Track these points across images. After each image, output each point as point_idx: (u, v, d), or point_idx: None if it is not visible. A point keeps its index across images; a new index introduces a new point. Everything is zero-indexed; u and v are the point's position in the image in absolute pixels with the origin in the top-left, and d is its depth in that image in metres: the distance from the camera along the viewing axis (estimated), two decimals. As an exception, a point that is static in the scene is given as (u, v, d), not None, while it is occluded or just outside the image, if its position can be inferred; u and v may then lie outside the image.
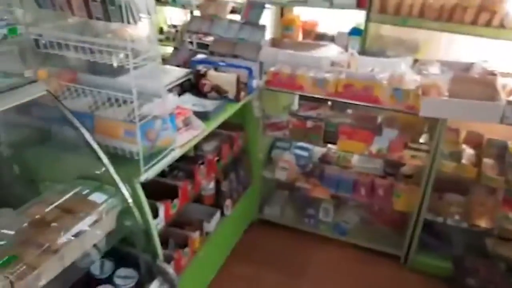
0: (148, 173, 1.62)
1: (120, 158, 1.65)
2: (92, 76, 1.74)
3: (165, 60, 3.18)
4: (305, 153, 3.07)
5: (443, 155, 2.48)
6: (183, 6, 3.84)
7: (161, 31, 4.41)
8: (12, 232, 1.37)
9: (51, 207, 1.46)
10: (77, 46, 1.46)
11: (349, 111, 2.90)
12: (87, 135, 1.48)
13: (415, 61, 2.81)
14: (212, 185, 2.53)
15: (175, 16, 4.42)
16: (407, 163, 2.69)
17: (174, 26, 4.31)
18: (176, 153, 1.80)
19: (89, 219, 1.44)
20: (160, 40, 4.29)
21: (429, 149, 2.48)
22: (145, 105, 1.68)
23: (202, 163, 2.29)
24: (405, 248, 2.73)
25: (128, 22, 1.34)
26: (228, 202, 2.61)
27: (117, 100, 1.58)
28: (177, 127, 1.91)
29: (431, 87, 2.37)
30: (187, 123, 2.02)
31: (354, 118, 2.77)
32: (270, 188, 3.20)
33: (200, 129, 2.05)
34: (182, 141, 1.88)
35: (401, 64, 2.62)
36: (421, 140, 2.67)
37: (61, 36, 1.52)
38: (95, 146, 1.48)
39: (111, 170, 1.49)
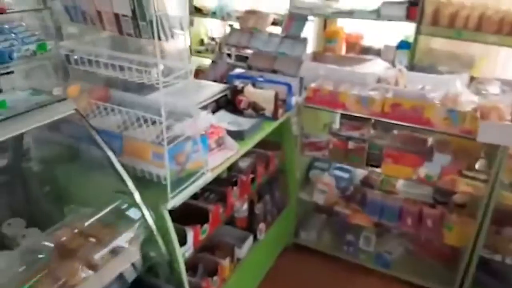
0: (176, 200, 1.50)
1: (148, 181, 1.55)
2: (123, 93, 1.66)
3: (203, 72, 3.12)
4: (345, 175, 2.87)
5: (503, 185, 2.20)
6: (223, 18, 3.78)
7: (201, 42, 4.37)
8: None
9: (75, 232, 1.38)
10: (107, 63, 1.38)
11: (395, 131, 2.68)
12: (113, 158, 1.39)
13: (472, 78, 2.56)
14: (245, 206, 2.40)
15: (216, 27, 4.37)
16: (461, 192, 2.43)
17: (213, 39, 4.25)
18: (207, 177, 1.68)
19: (113, 248, 1.34)
20: (199, 52, 4.25)
21: (487, 178, 2.21)
22: (176, 125, 1.59)
23: (235, 184, 2.16)
24: (456, 286, 2.45)
25: (159, 39, 1.24)
26: (261, 225, 2.46)
27: (146, 120, 1.48)
28: (209, 147, 1.80)
29: (491, 110, 2.12)
30: (220, 143, 1.90)
31: (400, 139, 2.55)
32: (307, 211, 3.01)
33: (234, 150, 1.93)
34: (214, 164, 1.76)
35: (456, 82, 2.38)
36: (477, 166, 2.40)
37: (92, 52, 1.45)
38: (120, 169, 1.39)
39: (136, 196, 1.40)
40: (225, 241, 2.25)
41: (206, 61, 3.69)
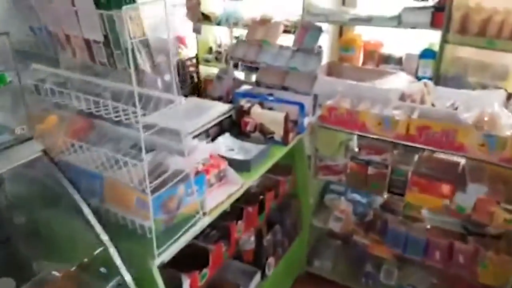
0: (165, 256, 1.26)
1: (133, 230, 1.32)
2: (108, 124, 1.44)
3: (211, 82, 2.89)
4: (363, 199, 2.60)
5: (549, 220, 1.91)
6: (229, 26, 3.52)
7: (210, 50, 4.15)
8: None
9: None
10: (80, 96, 1.15)
11: (420, 153, 2.39)
12: (85, 209, 1.17)
13: (509, 95, 2.25)
14: (252, 239, 2.15)
15: (225, 35, 4.13)
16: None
17: (219, 52, 4.00)
18: (204, 222, 1.44)
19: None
20: (207, 61, 4.03)
21: (530, 212, 1.92)
22: (168, 159, 1.36)
23: (240, 218, 1.92)
24: (491, 331, 2.16)
25: (136, 69, 1.01)
26: (270, 260, 2.21)
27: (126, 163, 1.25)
28: (208, 183, 1.56)
29: (536, 134, 1.83)
30: (221, 177, 1.66)
31: (428, 163, 2.26)
32: (321, 236, 2.75)
33: (238, 184, 1.68)
34: (213, 203, 1.52)
35: (493, 100, 2.08)
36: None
37: (66, 79, 1.23)
38: (93, 221, 1.16)
39: (113, 253, 1.16)
40: (229, 280, 2.02)
41: (215, 70, 3.47)
